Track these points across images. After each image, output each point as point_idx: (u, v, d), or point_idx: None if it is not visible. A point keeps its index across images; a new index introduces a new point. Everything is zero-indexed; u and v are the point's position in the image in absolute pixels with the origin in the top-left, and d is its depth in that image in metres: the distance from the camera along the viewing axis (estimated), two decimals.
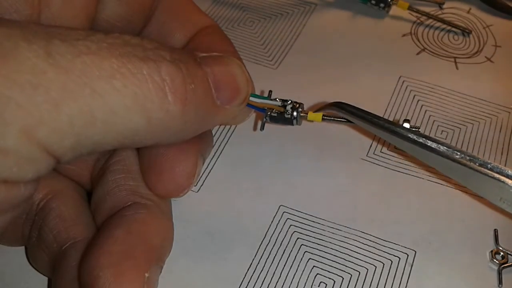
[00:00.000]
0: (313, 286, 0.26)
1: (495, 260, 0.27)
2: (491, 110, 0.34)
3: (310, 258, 0.27)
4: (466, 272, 0.27)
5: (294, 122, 0.26)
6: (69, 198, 0.24)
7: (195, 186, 0.30)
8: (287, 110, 0.26)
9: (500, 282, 0.26)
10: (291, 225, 0.28)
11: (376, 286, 0.26)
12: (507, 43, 0.38)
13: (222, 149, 0.32)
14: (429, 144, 0.24)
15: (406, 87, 0.35)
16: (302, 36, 0.38)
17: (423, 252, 0.27)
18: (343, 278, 0.26)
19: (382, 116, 0.33)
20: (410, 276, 0.27)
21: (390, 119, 0.33)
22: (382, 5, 0.39)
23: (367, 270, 0.27)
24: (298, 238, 0.28)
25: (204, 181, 0.30)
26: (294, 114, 0.26)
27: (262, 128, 0.26)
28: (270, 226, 0.28)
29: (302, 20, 0.39)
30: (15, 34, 0.16)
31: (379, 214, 0.29)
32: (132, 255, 0.20)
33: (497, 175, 0.23)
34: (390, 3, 0.39)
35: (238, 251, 0.27)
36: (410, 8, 0.39)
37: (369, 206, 0.29)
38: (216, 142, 0.32)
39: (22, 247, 0.27)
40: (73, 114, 0.16)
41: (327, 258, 0.27)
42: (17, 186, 0.17)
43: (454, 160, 0.24)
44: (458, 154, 0.24)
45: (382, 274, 0.27)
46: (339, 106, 0.26)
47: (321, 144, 0.32)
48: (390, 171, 0.31)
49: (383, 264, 0.27)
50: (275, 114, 0.26)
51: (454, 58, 0.37)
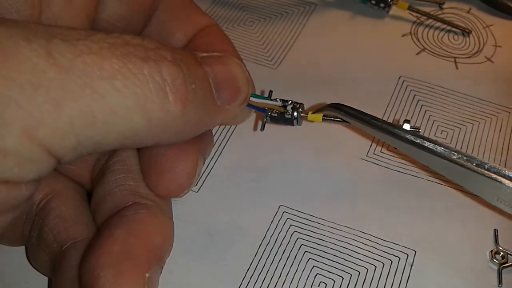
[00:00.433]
0: (313, 286, 0.26)
1: (495, 260, 0.27)
2: (491, 110, 0.34)
3: (310, 258, 0.27)
4: (466, 272, 0.27)
5: (295, 122, 0.26)
6: (69, 198, 0.24)
7: (195, 186, 0.30)
8: (288, 110, 0.26)
9: (500, 282, 0.26)
10: (291, 225, 0.28)
11: (376, 286, 0.26)
12: (507, 43, 0.38)
13: (222, 149, 0.32)
14: (426, 144, 0.24)
15: (406, 87, 0.35)
16: (302, 36, 0.38)
17: (423, 252, 0.27)
18: (343, 278, 0.26)
19: (382, 116, 0.33)
20: (410, 276, 0.27)
21: (390, 119, 0.33)
22: (382, 5, 0.39)
23: (367, 270, 0.27)
24: (298, 238, 0.28)
25: (204, 181, 0.30)
26: (295, 114, 0.26)
27: (263, 128, 0.26)
28: (270, 226, 0.28)
29: (302, 20, 0.39)
30: (16, 34, 0.16)
31: (379, 214, 0.29)
32: (132, 255, 0.20)
33: (494, 175, 0.23)
34: (390, 3, 0.39)
35: (238, 251, 0.27)
36: (410, 8, 0.39)
37: (369, 206, 0.29)
38: (216, 142, 0.32)
39: (22, 247, 0.27)
40: (73, 115, 0.16)
41: (327, 258, 0.27)
42: (18, 187, 0.17)
43: (452, 160, 0.24)
44: (455, 154, 0.24)
45: (382, 274, 0.27)
46: (337, 107, 0.26)
47: (321, 144, 0.32)
48: (390, 171, 0.31)
49: (383, 264, 0.27)
50: (276, 114, 0.26)
51: (454, 58, 0.37)
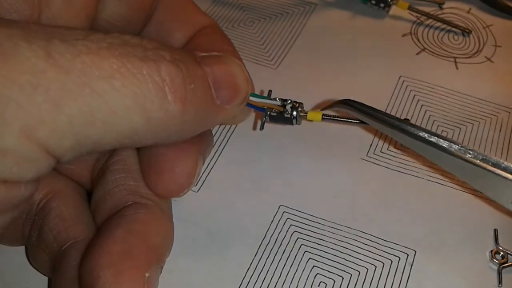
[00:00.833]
0: (313, 286, 0.26)
1: (495, 260, 0.27)
2: (491, 110, 0.34)
3: (310, 258, 0.27)
4: (466, 272, 0.27)
5: (294, 121, 0.26)
6: (69, 198, 0.24)
7: (195, 186, 0.30)
8: (287, 110, 0.26)
9: (500, 282, 0.26)
10: (291, 225, 0.28)
11: (376, 286, 0.26)
12: (507, 43, 0.38)
13: (222, 149, 0.32)
14: (441, 143, 0.23)
15: (406, 87, 0.35)
16: (302, 36, 0.38)
17: (423, 252, 0.27)
18: (343, 278, 0.26)
19: None
20: (410, 276, 0.27)
21: None
22: (382, 5, 0.39)
23: (367, 270, 0.27)
24: (298, 238, 0.28)
25: (204, 181, 0.30)
26: (294, 113, 0.26)
27: (262, 127, 0.26)
28: (270, 226, 0.28)
29: (302, 20, 0.39)
30: (15, 34, 0.16)
31: (379, 214, 0.29)
32: (132, 255, 0.20)
33: (510, 176, 0.22)
34: (390, 3, 0.39)
35: (238, 251, 0.27)
36: (410, 8, 0.39)
37: (369, 206, 0.29)
38: (216, 142, 0.32)
39: (22, 247, 0.27)
40: (72, 114, 0.16)
41: (327, 258, 0.27)
42: (17, 186, 0.17)
43: (466, 160, 0.23)
44: (471, 153, 0.23)
45: (382, 274, 0.27)
46: (347, 103, 0.26)
47: (321, 143, 0.32)
48: (390, 171, 0.31)
49: (383, 264, 0.27)
50: (275, 114, 0.26)
51: (454, 58, 0.37)
